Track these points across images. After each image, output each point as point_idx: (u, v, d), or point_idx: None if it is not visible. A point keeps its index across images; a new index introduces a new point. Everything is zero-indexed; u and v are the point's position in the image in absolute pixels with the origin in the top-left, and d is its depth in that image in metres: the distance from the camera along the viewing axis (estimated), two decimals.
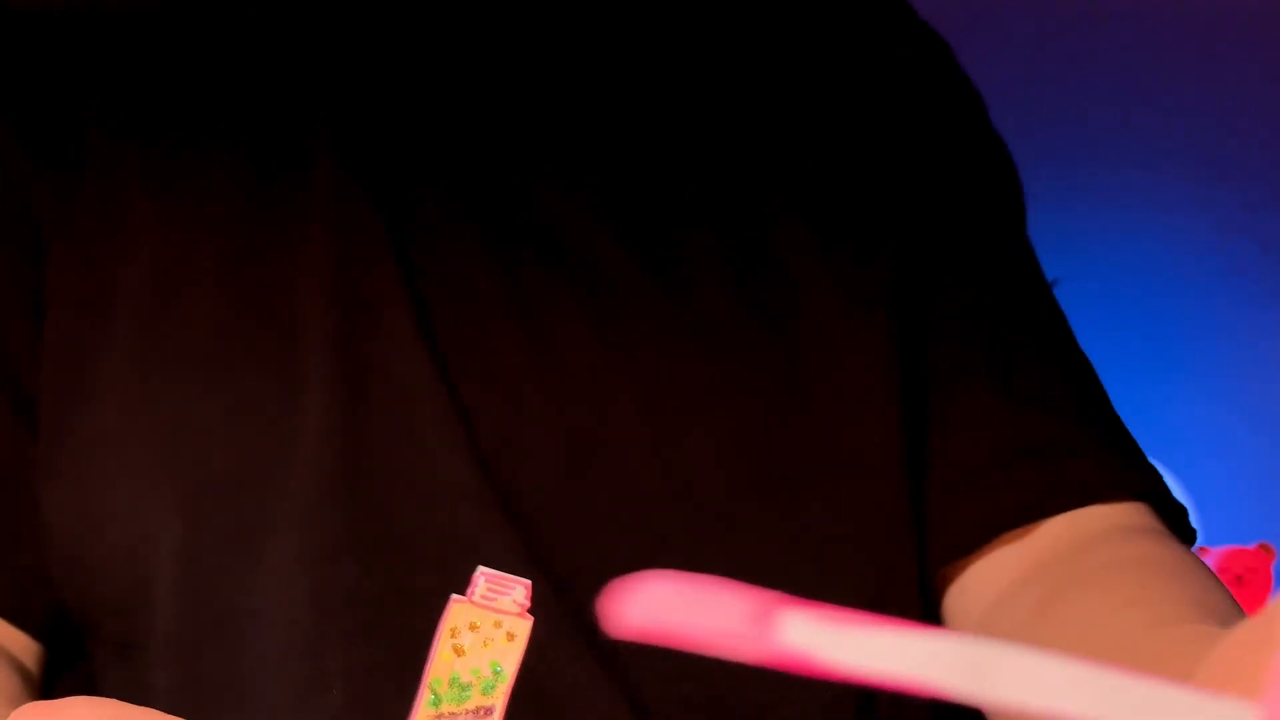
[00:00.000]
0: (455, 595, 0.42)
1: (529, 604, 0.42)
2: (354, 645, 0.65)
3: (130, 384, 0.67)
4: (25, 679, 0.67)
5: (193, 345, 0.68)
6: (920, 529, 0.73)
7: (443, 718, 0.41)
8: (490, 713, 0.42)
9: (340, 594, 0.65)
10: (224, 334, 0.68)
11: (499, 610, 0.42)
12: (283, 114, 0.72)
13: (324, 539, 0.66)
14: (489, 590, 0.42)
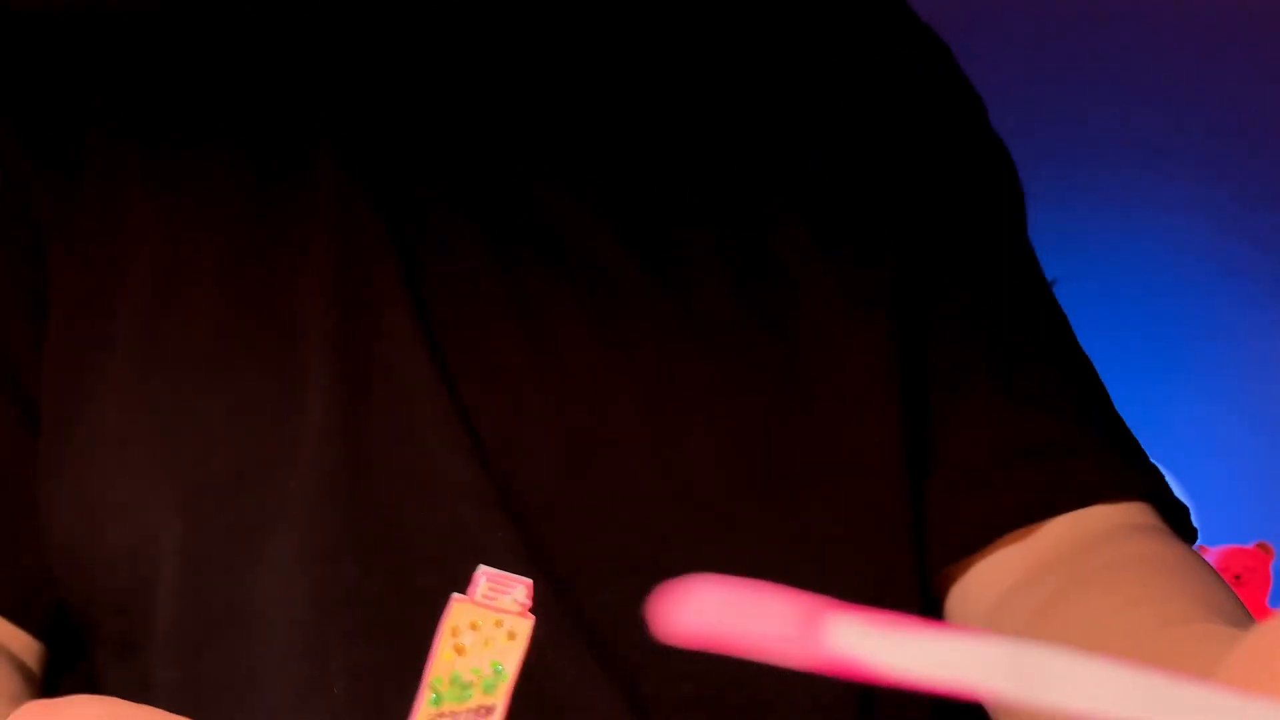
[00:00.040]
0: (456, 594, 0.42)
1: (530, 603, 0.42)
2: (355, 644, 0.65)
3: (131, 384, 0.67)
4: (26, 678, 0.68)
5: (193, 345, 0.68)
6: (920, 529, 0.73)
7: (444, 717, 0.41)
8: (491, 712, 0.42)
9: (341, 593, 0.66)
10: (224, 334, 0.68)
11: (500, 609, 0.42)
12: (283, 114, 0.72)
13: (324, 538, 0.66)
14: (490, 589, 0.42)
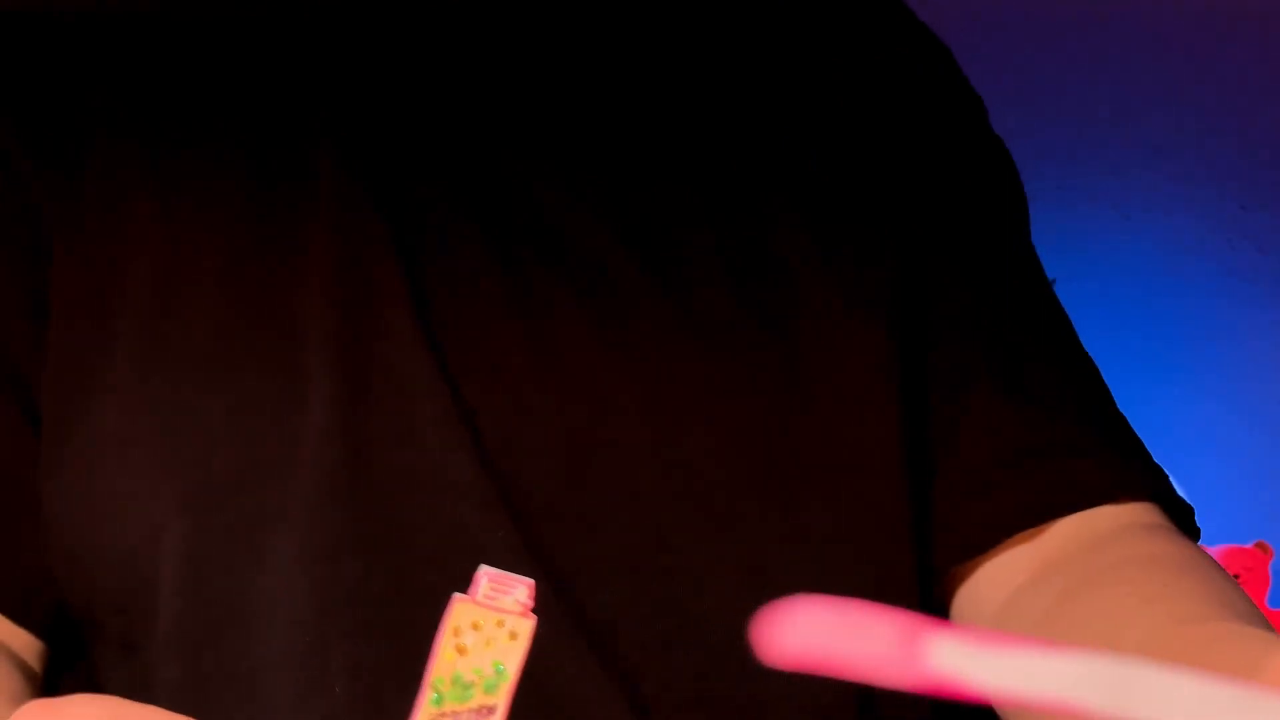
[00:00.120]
0: (458, 594, 0.42)
1: (532, 603, 0.42)
2: (356, 644, 0.65)
3: (131, 384, 0.67)
4: (27, 677, 0.68)
5: (194, 345, 0.68)
6: (920, 529, 0.73)
7: (445, 716, 0.41)
8: (493, 712, 0.42)
9: (342, 593, 0.66)
10: (225, 334, 0.68)
11: (501, 609, 0.42)
12: (284, 115, 0.72)
13: (326, 538, 0.66)
14: (491, 589, 0.42)
